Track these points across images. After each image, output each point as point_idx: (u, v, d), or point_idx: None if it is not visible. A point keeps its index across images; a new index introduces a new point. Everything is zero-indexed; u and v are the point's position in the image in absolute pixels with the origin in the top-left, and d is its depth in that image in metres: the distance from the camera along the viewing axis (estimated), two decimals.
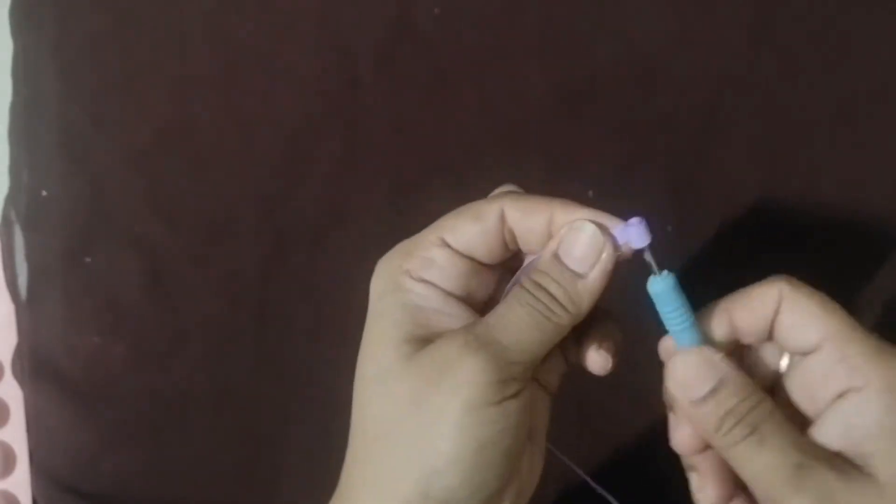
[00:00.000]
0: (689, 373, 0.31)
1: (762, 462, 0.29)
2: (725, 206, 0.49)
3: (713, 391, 0.30)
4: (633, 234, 0.30)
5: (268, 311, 0.51)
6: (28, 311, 0.52)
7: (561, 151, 0.50)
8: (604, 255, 0.31)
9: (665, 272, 0.31)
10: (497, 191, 0.34)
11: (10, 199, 0.53)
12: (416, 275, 0.32)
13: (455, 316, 0.31)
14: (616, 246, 0.31)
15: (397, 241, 0.49)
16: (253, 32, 0.51)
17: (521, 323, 0.30)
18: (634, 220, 0.31)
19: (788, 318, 0.31)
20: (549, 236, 0.31)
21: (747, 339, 0.33)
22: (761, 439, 0.29)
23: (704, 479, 0.33)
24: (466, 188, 0.50)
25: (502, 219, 0.32)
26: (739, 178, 0.49)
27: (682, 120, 0.49)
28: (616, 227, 0.31)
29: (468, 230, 0.32)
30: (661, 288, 0.31)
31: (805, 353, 0.31)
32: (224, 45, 0.51)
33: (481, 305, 0.33)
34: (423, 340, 0.31)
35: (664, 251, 0.49)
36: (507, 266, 0.34)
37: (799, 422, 0.31)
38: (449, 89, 0.50)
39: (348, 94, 0.51)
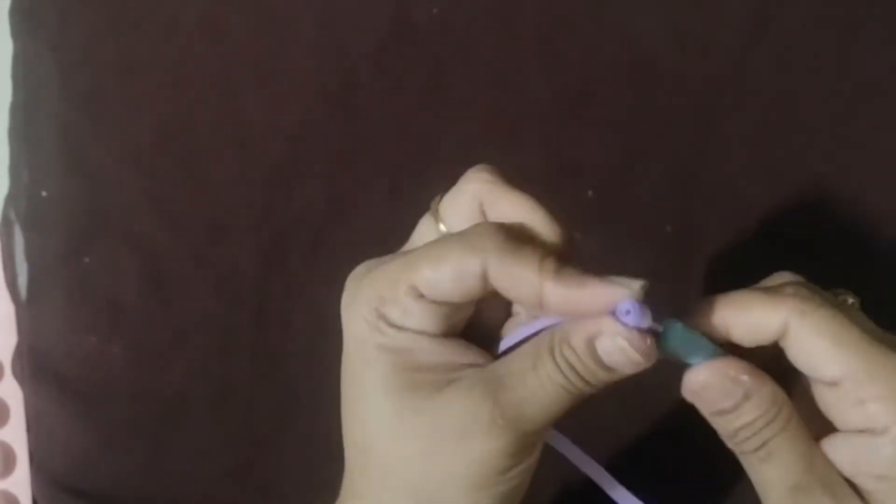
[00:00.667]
0: (710, 392, 0.29)
1: (764, 477, 0.29)
2: (725, 205, 0.49)
3: (734, 406, 0.29)
4: (636, 318, 0.28)
5: (267, 311, 0.51)
6: (28, 311, 0.52)
7: (560, 151, 0.50)
8: (637, 357, 0.28)
9: (668, 322, 0.29)
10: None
11: (10, 199, 0.53)
12: (394, 323, 0.29)
13: (438, 351, 0.30)
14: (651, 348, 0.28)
15: (396, 241, 0.50)
16: (252, 32, 0.51)
17: (547, 399, 0.28)
18: (626, 305, 0.28)
19: (796, 350, 0.29)
20: (539, 306, 0.28)
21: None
22: (768, 455, 0.29)
23: None
24: None
25: (484, 277, 0.28)
26: (739, 177, 0.49)
27: (682, 120, 0.49)
28: (621, 317, 0.28)
29: (444, 286, 0.29)
30: (677, 334, 0.29)
31: (820, 382, 0.29)
32: (223, 45, 0.51)
33: (464, 323, 0.31)
34: (420, 385, 0.29)
35: (664, 251, 0.50)
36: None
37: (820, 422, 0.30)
38: (448, 89, 0.50)
39: (347, 94, 0.51)
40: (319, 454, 0.41)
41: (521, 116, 0.50)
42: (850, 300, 0.33)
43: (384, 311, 0.29)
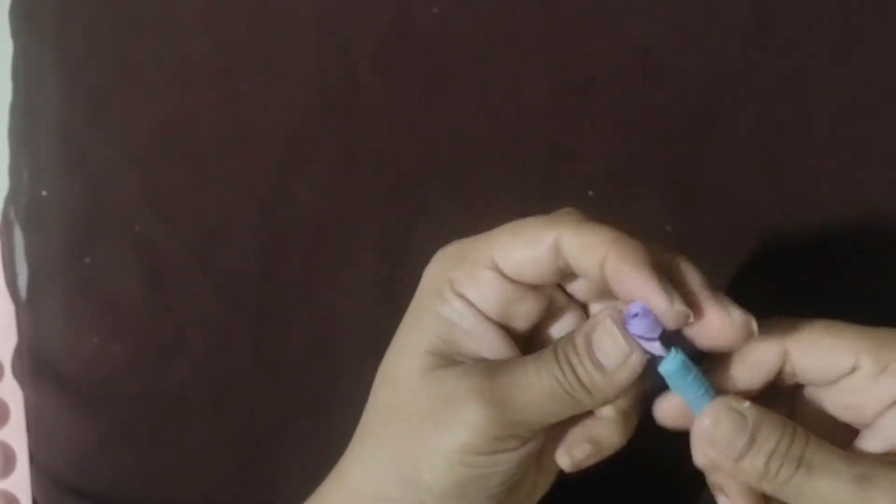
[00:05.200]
0: (721, 432, 0.29)
1: (821, 490, 0.28)
2: (725, 205, 0.49)
3: (750, 441, 0.28)
4: (644, 327, 0.28)
5: (268, 311, 0.51)
6: (28, 311, 0.52)
7: (561, 151, 0.50)
8: (632, 358, 0.29)
9: (673, 351, 0.29)
10: (560, 211, 0.32)
11: (10, 199, 0.53)
12: (457, 289, 0.31)
13: (483, 342, 0.31)
14: (646, 351, 0.29)
15: (396, 241, 0.50)
16: (252, 31, 0.51)
17: (541, 391, 0.29)
18: (636, 308, 0.28)
19: (806, 361, 0.30)
20: (602, 280, 0.29)
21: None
22: (810, 469, 0.28)
23: (733, 499, 0.31)
24: (466, 187, 0.51)
25: (556, 247, 0.29)
26: (740, 177, 0.49)
27: (683, 119, 0.49)
28: (628, 318, 0.29)
29: (519, 254, 0.30)
30: (673, 367, 0.29)
31: (839, 379, 0.30)
32: (223, 45, 0.51)
33: (528, 325, 0.32)
34: (445, 357, 0.30)
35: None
36: (563, 286, 0.33)
37: (838, 436, 0.30)
38: (448, 88, 0.50)
39: (347, 93, 0.51)
40: (320, 454, 0.41)
41: (521, 116, 0.50)
42: None
43: (454, 275, 0.31)
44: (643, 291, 0.27)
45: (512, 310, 0.31)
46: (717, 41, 0.49)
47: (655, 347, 0.29)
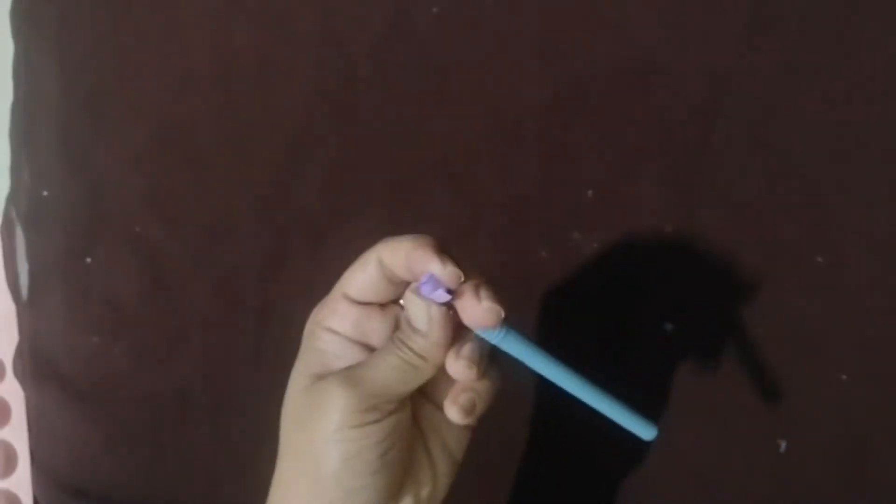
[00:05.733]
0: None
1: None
2: (725, 205, 0.49)
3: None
4: (429, 288, 0.35)
5: (268, 311, 0.51)
6: (29, 311, 0.52)
7: (559, 151, 0.50)
8: (433, 313, 0.35)
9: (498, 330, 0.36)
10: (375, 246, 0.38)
11: (11, 199, 0.53)
12: (322, 324, 0.38)
13: (349, 359, 0.37)
14: (444, 305, 0.35)
15: None
16: (252, 32, 0.51)
17: (386, 367, 0.36)
18: (424, 277, 0.35)
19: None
20: (409, 274, 0.36)
21: None
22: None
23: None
24: (465, 187, 0.51)
25: (380, 261, 0.37)
26: (739, 177, 0.49)
27: (681, 119, 0.49)
28: (421, 287, 0.35)
29: (357, 279, 0.38)
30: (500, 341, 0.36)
31: None
32: (223, 45, 0.51)
33: (384, 340, 0.38)
34: (320, 376, 0.37)
35: (663, 251, 0.50)
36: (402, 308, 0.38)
37: None
38: (447, 89, 0.50)
39: (347, 94, 0.51)
40: None
41: (521, 116, 0.50)
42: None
43: (320, 315, 0.38)
44: (424, 262, 0.35)
45: (366, 328, 0.38)
46: (716, 42, 0.49)
47: (440, 296, 0.35)
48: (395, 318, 0.39)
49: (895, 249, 0.48)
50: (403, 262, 0.36)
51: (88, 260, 0.51)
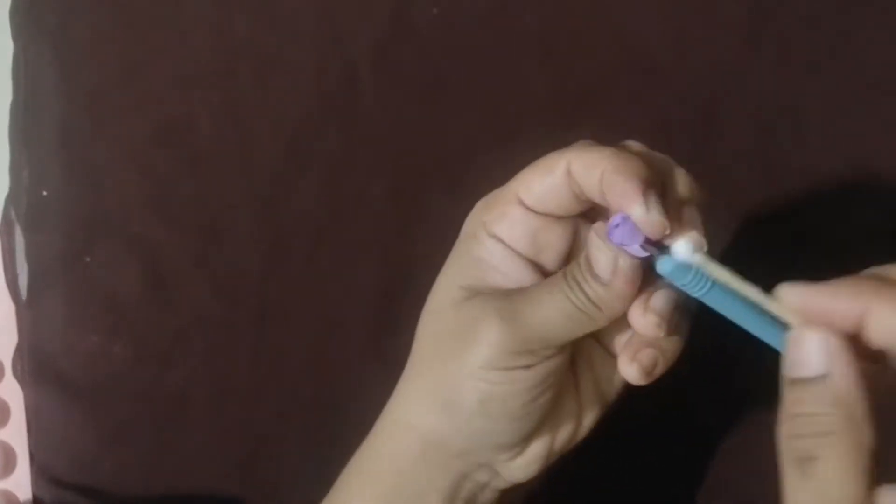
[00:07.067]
0: (801, 349, 0.26)
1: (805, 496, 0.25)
2: (725, 205, 0.49)
3: (809, 382, 0.25)
4: (624, 235, 0.29)
5: (268, 311, 0.51)
6: (28, 311, 0.52)
7: None
8: (621, 264, 0.30)
9: (665, 256, 0.30)
10: (576, 143, 0.33)
11: (11, 198, 0.53)
12: (488, 228, 0.33)
13: (513, 276, 0.32)
14: (635, 255, 0.30)
15: (396, 241, 0.50)
16: (252, 32, 0.51)
17: (552, 308, 0.30)
18: (618, 218, 0.29)
19: (883, 324, 0.26)
20: (603, 197, 0.31)
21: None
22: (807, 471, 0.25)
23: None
24: (465, 188, 0.50)
25: (569, 171, 0.31)
26: (739, 177, 0.49)
27: (682, 120, 0.49)
28: (611, 229, 0.30)
29: (538, 185, 0.32)
30: (668, 269, 0.29)
31: None
32: (223, 45, 0.51)
33: (557, 259, 0.33)
34: (475, 291, 0.32)
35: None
36: (589, 217, 0.33)
37: None
38: (447, 89, 0.50)
39: (347, 94, 0.51)
40: (320, 453, 0.41)
41: (521, 116, 0.50)
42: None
43: (486, 218, 0.33)
44: (623, 198, 0.29)
45: (539, 242, 0.32)
46: (717, 41, 0.49)
47: (637, 251, 0.29)
48: (575, 235, 0.33)
49: None
50: (598, 183, 0.30)
51: (88, 259, 0.51)
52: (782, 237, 0.49)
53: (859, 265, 0.48)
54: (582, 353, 0.34)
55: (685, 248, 0.30)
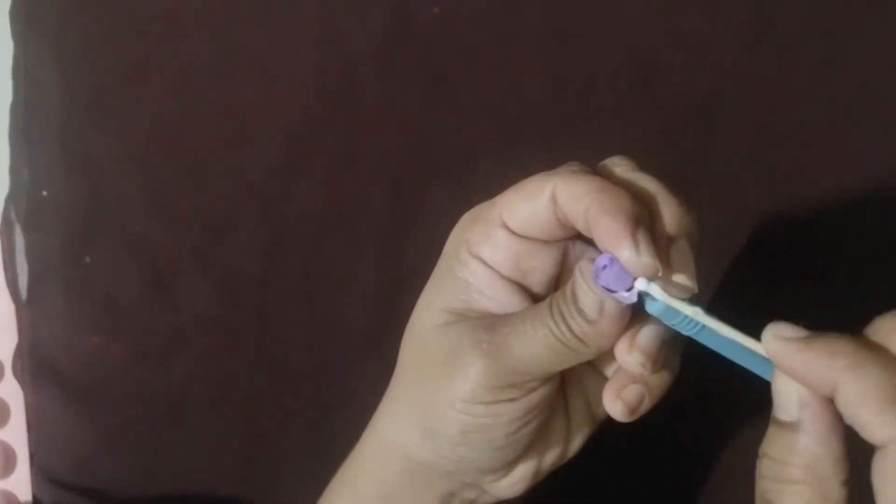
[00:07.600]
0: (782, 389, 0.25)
1: None
2: (725, 206, 0.49)
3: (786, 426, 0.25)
4: (611, 279, 0.28)
5: (267, 311, 0.51)
6: (28, 311, 0.52)
7: (560, 151, 0.50)
8: (606, 307, 0.29)
9: (649, 300, 0.29)
10: (562, 167, 0.32)
11: (11, 198, 0.53)
12: (472, 249, 0.32)
13: (497, 300, 0.31)
14: (623, 300, 0.28)
15: (397, 242, 0.50)
16: (252, 32, 0.51)
17: (536, 342, 0.29)
18: (605, 259, 0.28)
19: (843, 403, 0.24)
20: (585, 225, 0.30)
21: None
22: None
23: None
24: (466, 188, 0.50)
25: (553, 198, 0.30)
26: (740, 178, 0.49)
27: (682, 119, 0.49)
28: (597, 270, 0.28)
29: (523, 209, 0.31)
30: (657, 310, 0.29)
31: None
32: (223, 45, 0.51)
33: (544, 282, 0.32)
34: (459, 314, 0.31)
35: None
36: (574, 240, 0.33)
37: None
38: (448, 89, 0.50)
39: (347, 94, 0.51)
40: (320, 454, 0.41)
41: (521, 116, 0.50)
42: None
43: (469, 237, 0.32)
44: (611, 242, 0.27)
45: (525, 266, 0.31)
46: (717, 42, 0.49)
47: (626, 297, 0.28)
48: (561, 257, 0.32)
49: None
50: (583, 215, 0.29)
51: (88, 260, 0.51)
52: (782, 238, 0.49)
53: (859, 265, 0.48)
54: (573, 374, 0.32)
55: (678, 302, 0.29)
